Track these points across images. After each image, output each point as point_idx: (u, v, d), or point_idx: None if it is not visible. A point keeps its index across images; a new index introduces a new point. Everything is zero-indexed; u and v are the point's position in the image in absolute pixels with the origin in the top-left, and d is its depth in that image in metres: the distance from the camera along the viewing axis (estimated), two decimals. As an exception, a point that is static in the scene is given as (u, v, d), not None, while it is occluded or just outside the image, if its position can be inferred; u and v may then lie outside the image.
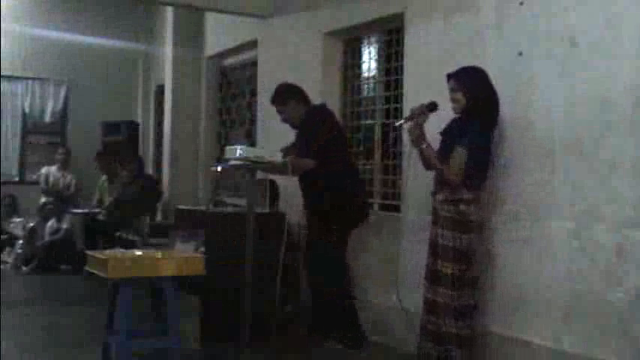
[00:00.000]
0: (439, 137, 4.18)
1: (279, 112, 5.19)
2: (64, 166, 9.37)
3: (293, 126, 5.17)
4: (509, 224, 4.16)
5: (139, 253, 4.32)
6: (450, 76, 4.10)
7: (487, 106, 4.01)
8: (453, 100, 4.06)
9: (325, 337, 5.00)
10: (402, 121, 4.21)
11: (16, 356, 4.68)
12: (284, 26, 6.68)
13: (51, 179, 9.26)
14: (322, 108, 5.23)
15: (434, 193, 4.11)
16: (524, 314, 4.09)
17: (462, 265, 3.96)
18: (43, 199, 8.97)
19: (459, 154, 3.91)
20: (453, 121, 4.14)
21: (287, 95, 5.15)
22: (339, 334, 4.97)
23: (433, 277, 4.05)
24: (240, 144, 5.01)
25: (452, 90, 4.07)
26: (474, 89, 4.00)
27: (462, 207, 3.94)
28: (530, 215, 4.07)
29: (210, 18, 8.35)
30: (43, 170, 9.37)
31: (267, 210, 5.58)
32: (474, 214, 3.96)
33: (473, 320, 4.05)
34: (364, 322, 5.35)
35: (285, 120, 5.19)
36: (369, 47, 5.91)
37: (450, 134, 4.10)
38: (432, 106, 4.10)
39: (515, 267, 4.15)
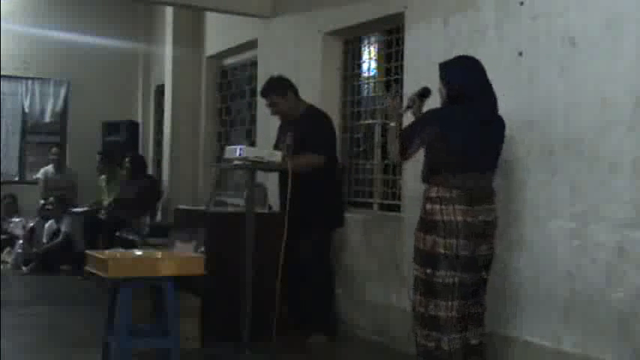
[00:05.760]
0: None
1: (275, 103, 5.28)
2: (60, 165, 9.36)
3: (287, 118, 5.27)
4: (509, 224, 4.16)
5: (139, 253, 4.33)
6: (438, 66, 3.89)
7: (481, 100, 3.70)
8: (438, 91, 3.88)
9: (307, 333, 5.14)
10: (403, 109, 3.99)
11: (16, 356, 4.68)
12: (284, 26, 6.69)
13: (50, 181, 9.26)
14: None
15: None
16: (524, 314, 4.09)
17: None
18: (42, 201, 8.97)
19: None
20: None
21: (284, 87, 5.29)
22: (320, 326, 5.16)
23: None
24: (240, 144, 5.02)
25: (439, 81, 3.86)
26: (451, 80, 3.75)
27: (428, 206, 3.69)
28: (530, 215, 4.07)
29: (211, 18, 8.36)
30: (41, 171, 9.38)
31: (267, 210, 5.59)
32: (437, 213, 3.65)
33: None
34: (364, 322, 5.37)
35: (280, 112, 5.28)
36: (369, 47, 5.91)
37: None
38: (425, 92, 3.95)
39: (515, 267, 4.15)
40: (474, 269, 3.69)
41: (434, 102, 3.97)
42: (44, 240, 8.47)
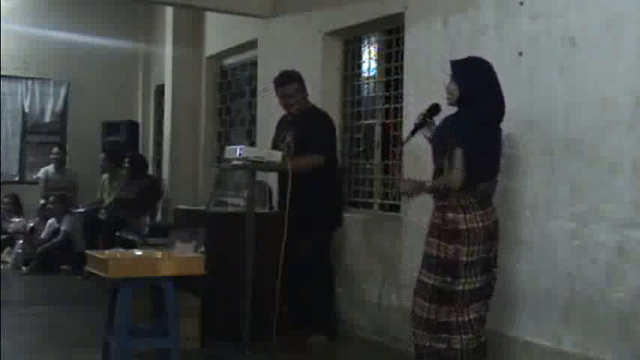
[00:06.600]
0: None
1: (290, 95, 5.25)
2: (61, 165, 9.36)
3: (292, 114, 5.22)
4: (509, 224, 4.16)
5: (139, 253, 4.33)
6: (451, 64, 3.84)
7: (482, 100, 3.68)
8: (448, 91, 3.80)
9: (307, 333, 5.15)
10: (408, 137, 4.02)
11: (16, 356, 4.68)
12: (284, 26, 6.69)
13: (50, 181, 9.25)
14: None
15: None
16: (524, 314, 4.09)
17: None
18: (42, 201, 8.96)
19: (458, 155, 3.58)
20: (447, 117, 3.87)
21: (298, 80, 5.28)
22: (320, 326, 5.16)
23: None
24: (240, 144, 5.02)
25: (450, 78, 3.81)
26: (468, 81, 3.72)
27: (450, 214, 3.65)
28: (530, 215, 4.07)
29: (211, 18, 8.36)
30: (42, 171, 9.37)
31: (267, 210, 5.58)
32: (461, 222, 3.64)
33: None
34: (364, 322, 5.37)
35: (289, 105, 5.24)
36: (369, 47, 5.91)
37: (443, 130, 3.78)
38: (435, 110, 3.92)
39: (515, 267, 4.15)
40: (489, 269, 3.78)
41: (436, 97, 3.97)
42: (44, 238, 8.47)
